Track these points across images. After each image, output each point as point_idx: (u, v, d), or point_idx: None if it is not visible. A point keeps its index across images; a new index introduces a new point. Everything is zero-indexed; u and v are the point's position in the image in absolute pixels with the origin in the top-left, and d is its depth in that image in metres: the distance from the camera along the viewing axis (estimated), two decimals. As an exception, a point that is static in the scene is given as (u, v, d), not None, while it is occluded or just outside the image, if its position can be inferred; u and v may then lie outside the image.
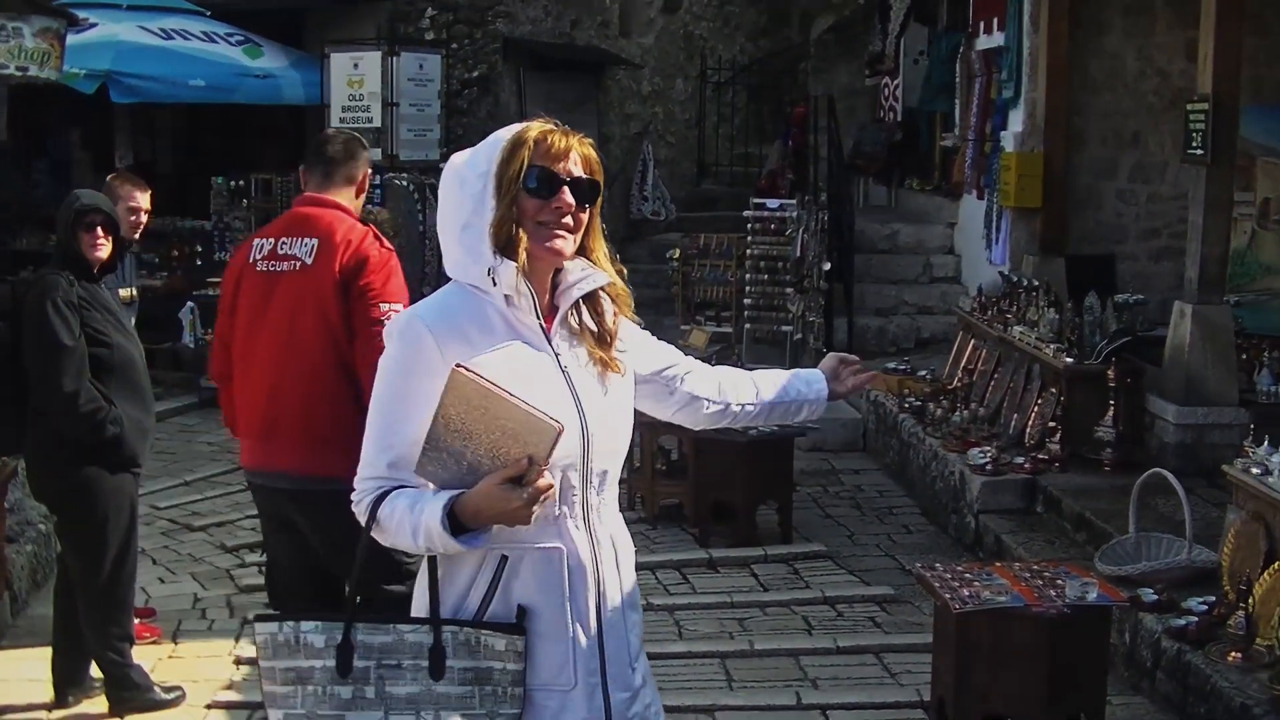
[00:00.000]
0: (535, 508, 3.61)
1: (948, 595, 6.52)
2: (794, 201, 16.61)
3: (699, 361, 4.51)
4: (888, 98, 20.27)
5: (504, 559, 3.78)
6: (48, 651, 8.20)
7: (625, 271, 4.09)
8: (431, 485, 3.71)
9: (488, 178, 3.83)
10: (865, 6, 21.40)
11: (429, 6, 18.58)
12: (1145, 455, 10.61)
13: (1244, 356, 11.31)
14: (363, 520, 3.81)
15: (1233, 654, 7.31)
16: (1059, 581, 6.59)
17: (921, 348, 15.78)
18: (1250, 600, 7.49)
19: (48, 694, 8.00)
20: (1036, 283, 12.78)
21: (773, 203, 16.85)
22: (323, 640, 3.78)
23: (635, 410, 4.14)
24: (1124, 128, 14.38)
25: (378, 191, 16.06)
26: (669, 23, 23.48)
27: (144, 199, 9.38)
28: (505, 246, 3.78)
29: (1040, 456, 10.96)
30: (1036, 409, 11.50)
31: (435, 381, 3.63)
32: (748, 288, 16.46)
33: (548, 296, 3.90)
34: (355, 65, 16.50)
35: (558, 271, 3.91)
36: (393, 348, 3.82)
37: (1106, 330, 11.47)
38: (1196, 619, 7.76)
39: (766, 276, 16.38)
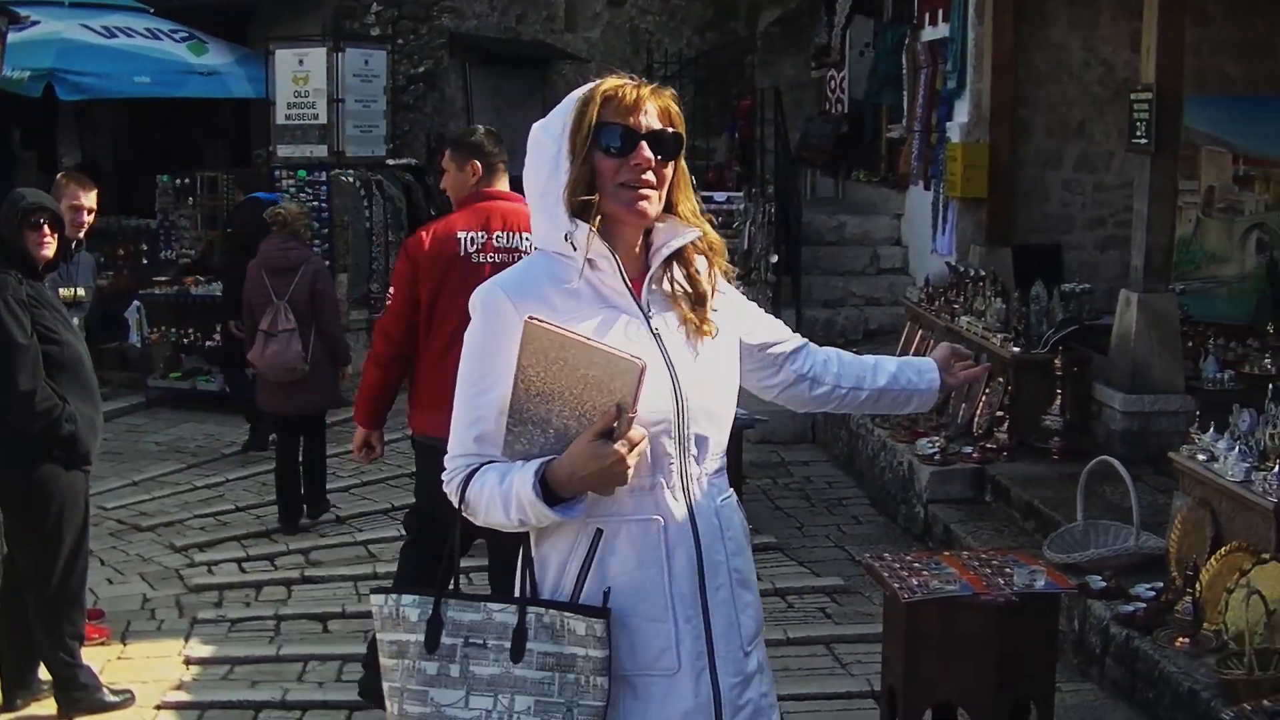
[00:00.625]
0: (630, 461, 3.45)
1: (897, 585, 6.53)
2: (741, 194, 16.62)
3: (807, 340, 4.31)
4: (834, 90, 20.31)
5: (599, 533, 3.62)
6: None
7: (714, 220, 3.93)
8: None
9: (561, 140, 3.65)
10: (811, -1, 21.45)
11: (374, 2, 18.55)
12: (1093, 443, 10.66)
13: (1190, 344, 11.37)
14: (455, 501, 3.70)
15: (1180, 639, 7.35)
16: (1007, 570, 6.60)
17: (869, 339, 15.79)
18: (1197, 586, 7.53)
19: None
20: (983, 273, 12.82)
21: (720, 195, 16.84)
22: (416, 614, 3.68)
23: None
24: (1069, 118, 14.43)
25: (323, 189, 16.04)
26: (615, 16, 23.47)
27: (90, 198, 9.34)
28: (582, 210, 3.61)
29: (988, 445, 10.99)
30: (984, 398, 11.53)
31: (516, 349, 3.52)
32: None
33: (640, 258, 3.76)
34: (300, 61, 16.41)
35: (649, 231, 3.75)
36: (476, 319, 3.69)
37: (1053, 319, 11.52)
38: (1144, 605, 7.80)
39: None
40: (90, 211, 9.43)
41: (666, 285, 3.76)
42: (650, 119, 3.63)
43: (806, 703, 7.83)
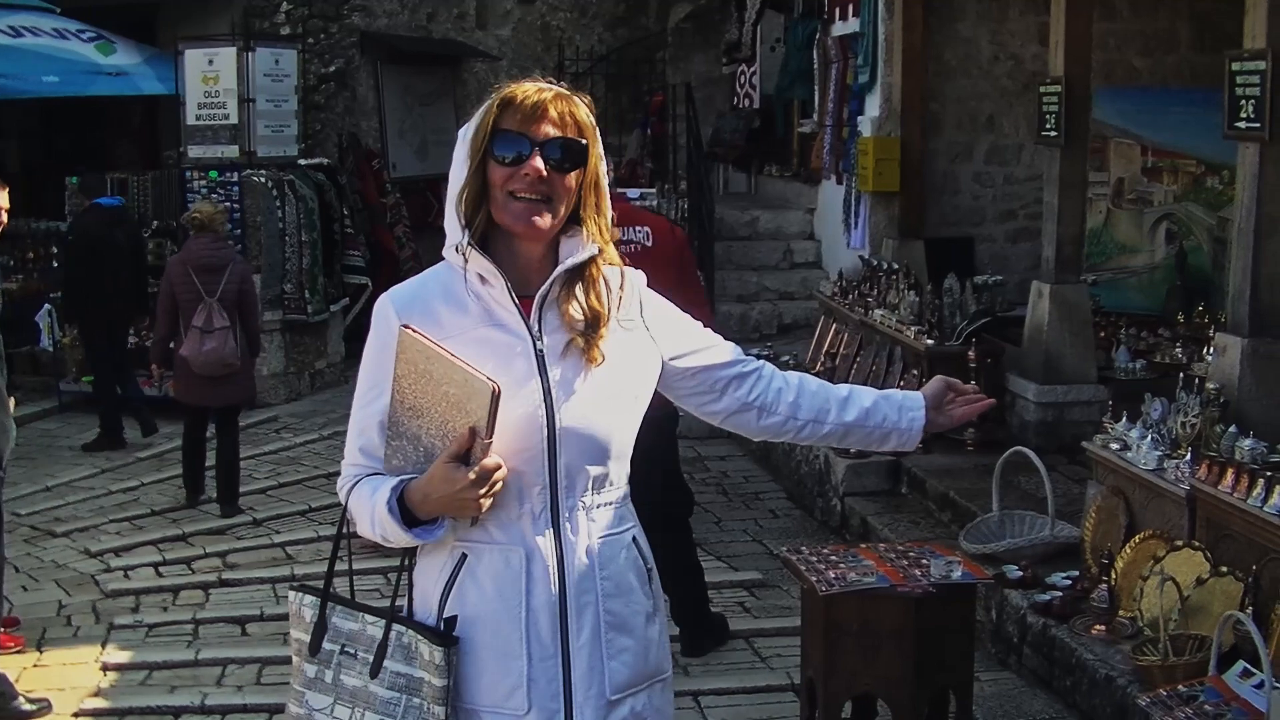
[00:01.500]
0: (484, 491, 3.32)
1: (814, 578, 6.55)
2: (654, 190, 16.65)
3: (767, 364, 4.00)
4: (743, 85, 20.34)
5: (464, 556, 3.50)
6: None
7: (620, 235, 3.78)
8: None
9: (468, 141, 3.50)
10: (721, -6, 21.48)
11: (284, 1, 18.45)
12: (1007, 434, 10.73)
13: (1102, 334, 11.47)
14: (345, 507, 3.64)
15: (1096, 627, 7.42)
16: (924, 561, 6.63)
17: (784, 333, 15.85)
18: (1112, 574, 7.60)
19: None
20: (896, 266, 12.89)
21: (633, 192, 16.82)
22: (310, 615, 3.64)
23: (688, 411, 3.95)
24: (979, 111, 14.54)
25: (235, 189, 15.94)
26: (526, 14, 23.43)
27: (4, 198, 9.23)
28: (472, 218, 3.49)
29: (904, 438, 11.02)
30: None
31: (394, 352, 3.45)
32: (610, 277, 16.48)
33: (544, 272, 3.56)
34: (210, 61, 16.30)
35: (559, 245, 3.57)
36: (371, 330, 3.59)
37: (966, 311, 11.59)
38: (1060, 594, 7.87)
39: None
40: (5, 210, 9.32)
41: (565, 306, 3.56)
42: (550, 127, 3.46)
43: (726, 697, 7.87)
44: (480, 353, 3.43)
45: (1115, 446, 8.11)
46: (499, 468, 3.35)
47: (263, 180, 16.04)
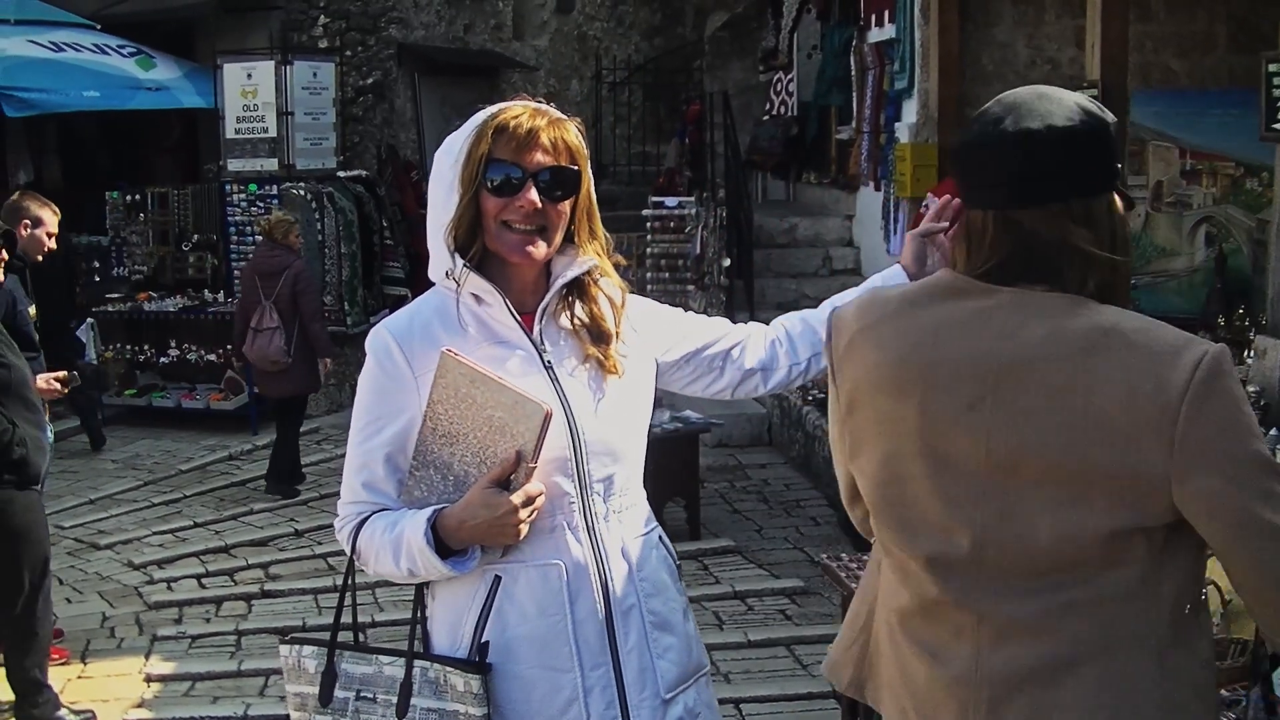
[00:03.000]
0: (523, 515, 3.31)
1: (854, 585, 6.55)
2: (692, 199, 16.66)
3: (746, 327, 3.99)
4: (779, 92, 20.34)
5: (497, 579, 3.44)
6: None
7: (623, 263, 3.75)
8: None
9: (455, 169, 3.47)
10: (758, 3, 21.47)
11: (321, 14, 18.49)
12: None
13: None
14: (347, 550, 3.57)
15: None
16: (965, 567, 6.62)
17: (824, 340, 15.82)
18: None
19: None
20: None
21: (671, 201, 16.88)
22: (314, 665, 3.60)
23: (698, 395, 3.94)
24: (1016, 116, 14.50)
25: (274, 202, 16.01)
26: (562, 24, 23.49)
27: (54, 220, 9.47)
28: (466, 245, 3.47)
29: (944, 444, 11.02)
30: (938, 397, 11.55)
31: (404, 394, 3.44)
32: (649, 286, 16.47)
33: (539, 289, 3.56)
34: (249, 75, 16.39)
35: (552, 262, 3.56)
36: (366, 363, 3.54)
37: (1005, 316, 11.55)
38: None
39: (667, 274, 16.42)
40: (52, 235, 9.53)
41: (566, 320, 3.58)
42: (543, 155, 3.44)
43: (768, 705, 7.87)
44: (492, 369, 3.42)
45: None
46: (540, 491, 3.35)
47: (301, 193, 16.11)
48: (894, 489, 2.89)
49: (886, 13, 15.15)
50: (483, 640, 3.45)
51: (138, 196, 16.97)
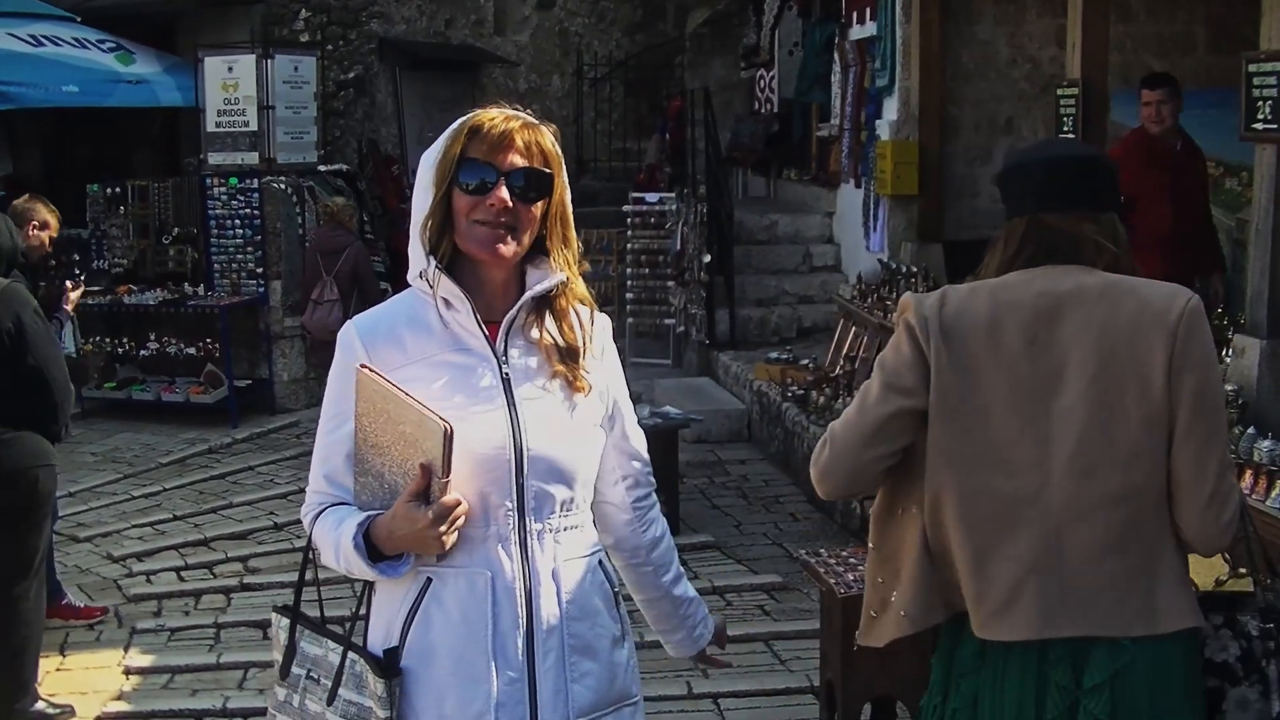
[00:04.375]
0: (444, 529, 3.34)
1: (833, 581, 6.58)
2: (673, 195, 16.69)
3: (651, 490, 3.96)
4: (763, 89, 20.36)
5: (429, 582, 3.48)
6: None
7: (587, 267, 3.72)
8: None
9: (432, 170, 3.52)
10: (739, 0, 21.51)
11: (302, 8, 18.49)
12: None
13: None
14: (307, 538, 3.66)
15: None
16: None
17: (803, 337, 15.85)
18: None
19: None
20: (915, 269, 12.90)
21: (652, 196, 16.92)
22: (283, 637, 3.69)
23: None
24: (997, 114, 14.54)
25: (255, 196, 16.00)
26: (544, 19, 23.47)
27: (56, 225, 9.89)
28: (437, 246, 3.51)
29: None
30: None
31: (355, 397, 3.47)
32: (629, 282, 16.55)
33: (510, 298, 3.58)
34: (229, 69, 16.36)
35: (525, 273, 3.60)
36: (335, 357, 3.62)
37: (985, 314, 11.57)
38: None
39: (648, 270, 16.48)
40: (51, 236, 9.95)
41: (535, 332, 3.60)
42: (517, 156, 3.48)
43: (746, 699, 7.89)
44: (446, 376, 3.49)
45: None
46: (458, 504, 3.36)
47: (282, 187, 16.11)
48: (977, 413, 3.81)
49: (868, 10, 15.18)
50: (405, 642, 3.49)
51: (118, 189, 16.91)
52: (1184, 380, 3.68)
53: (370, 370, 3.41)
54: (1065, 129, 10.78)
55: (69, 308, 10.21)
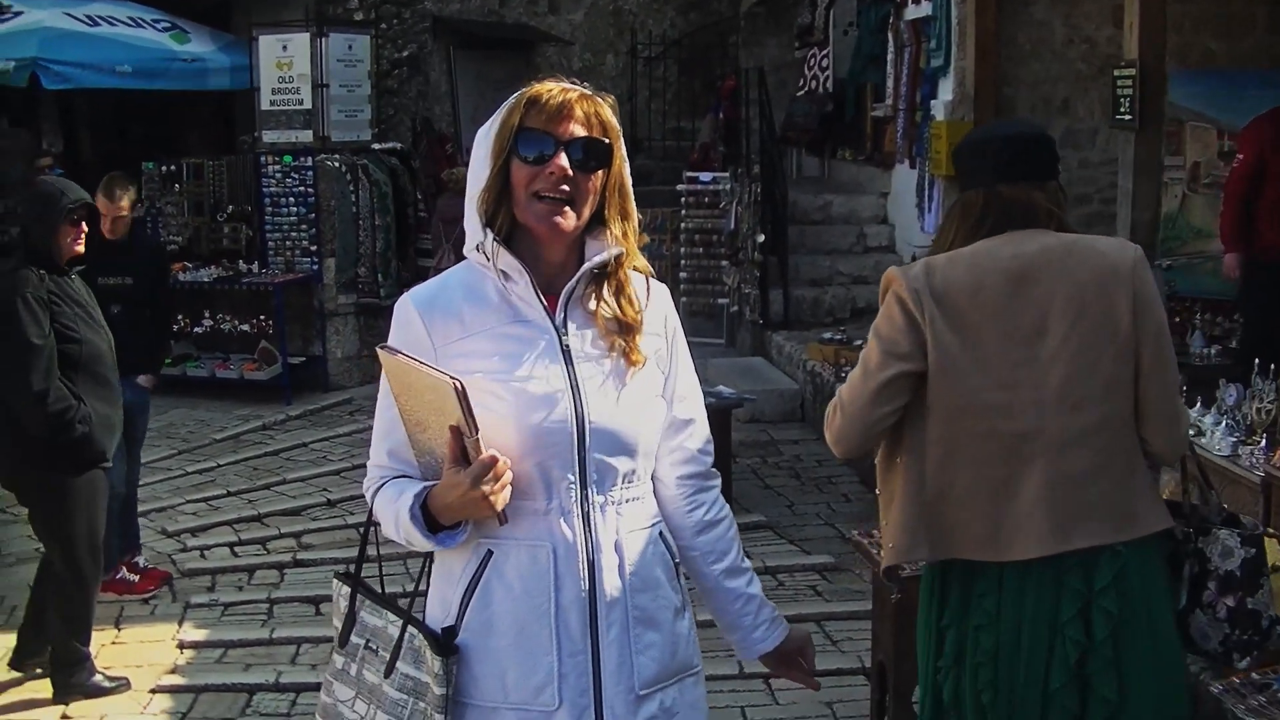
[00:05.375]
0: (488, 489, 3.26)
1: (887, 561, 6.57)
2: (727, 175, 16.66)
3: (711, 468, 3.90)
4: (812, 68, 20.28)
5: (489, 554, 3.46)
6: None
7: (646, 239, 3.67)
8: None
9: (489, 140, 3.49)
10: (794, -22, 21.43)
11: (356, -14, 18.52)
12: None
13: (1176, 319, 11.39)
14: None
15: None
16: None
17: (857, 317, 15.80)
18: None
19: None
20: (969, 250, 12.82)
21: (706, 176, 16.90)
22: (344, 605, 3.68)
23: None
24: (1053, 95, 14.44)
25: (309, 173, 16.06)
26: (598, -2, 23.47)
27: (125, 201, 9.75)
28: (494, 217, 3.48)
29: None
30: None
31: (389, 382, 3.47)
32: (683, 261, 16.54)
33: (569, 269, 3.54)
34: (284, 47, 16.41)
35: (585, 245, 3.56)
36: (392, 333, 3.56)
37: (1039, 295, 11.51)
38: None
39: (701, 250, 16.47)
40: (125, 211, 9.86)
41: (593, 304, 3.56)
42: (576, 126, 3.45)
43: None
44: (506, 348, 3.46)
45: (1190, 432, 8.06)
46: (495, 461, 3.30)
47: (336, 165, 16.15)
48: (975, 366, 4.35)
49: (924, -11, 15.11)
50: (463, 617, 3.47)
51: (173, 167, 17.00)
52: (1146, 321, 4.34)
53: (387, 349, 3.40)
54: (1122, 110, 10.72)
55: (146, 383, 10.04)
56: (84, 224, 7.77)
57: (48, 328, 7.41)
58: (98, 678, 7.92)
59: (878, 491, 4.78)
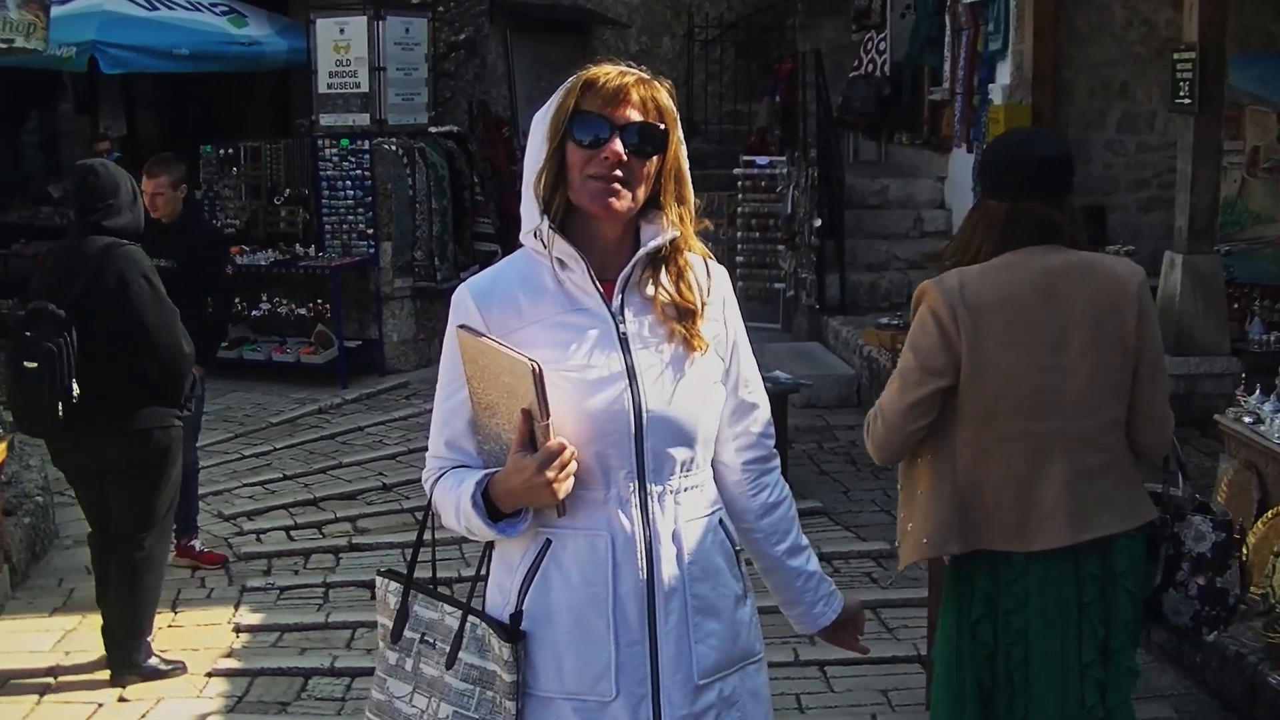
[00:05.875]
0: (553, 475, 3.27)
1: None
2: (783, 158, 16.61)
3: (771, 449, 3.89)
4: (869, 51, 20.19)
5: (548, 543, 3.46)
6: (47, 621, 8.40)
7: (710, 226, 3.69)
8: None
9: (545, 123, 3.47)
10: (852, -39, 21.34)
11: (414, -31, 18.54)
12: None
13: (1235, 305, 11.33)
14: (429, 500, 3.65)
15: (1227, 602, 7.36)
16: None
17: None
18: (1243, 549, 7.49)
19: (48, 663, 8.14)
20: (1027, 235, 12.76)
21: (762, 160, 16.85)
22: (394, 601, 3.68)
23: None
24: (1111, 78, 14.35)
25: (366, 157, 16.09)
26: (655, -19, 23.43)
27: (149, 185, 9.81)
28: (550, 201, 3.45)
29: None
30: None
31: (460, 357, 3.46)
32: (739, 245, 16.50)
33: (625, 256, 3.52)
34: (341, 30, 16.43)
35: (640, 230, 3.54)
36: (450, 322, 3.55)
37: (1097, 281, 11.46)
38: (1191, 568, 7.79)
39: (758, 234, 16.42)
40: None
41: (650, 289, 3.55)
42: (632, 110, 3.43)
43: (852, 667, 7.86)
44: (562, 338, 3.45)
45: (1248, 420, 8.01)
46: (563, 449, 3.31)
47: (393, 148, 16.16)
48: (1015, 374, 4.76)
49: (982, -27, 15.02)
50: (522, 605, 3.47)
51: (230, 151, 17.04)
52: (1146, 336, 4.84)
53: (466, 329, 3.41)
54: (1181, 94, 10.65)
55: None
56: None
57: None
58: (154, 660, 7.96)
59: (899, 485, 5.17)
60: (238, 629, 8.79)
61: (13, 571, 9.28)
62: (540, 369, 3.24)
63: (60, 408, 7.37)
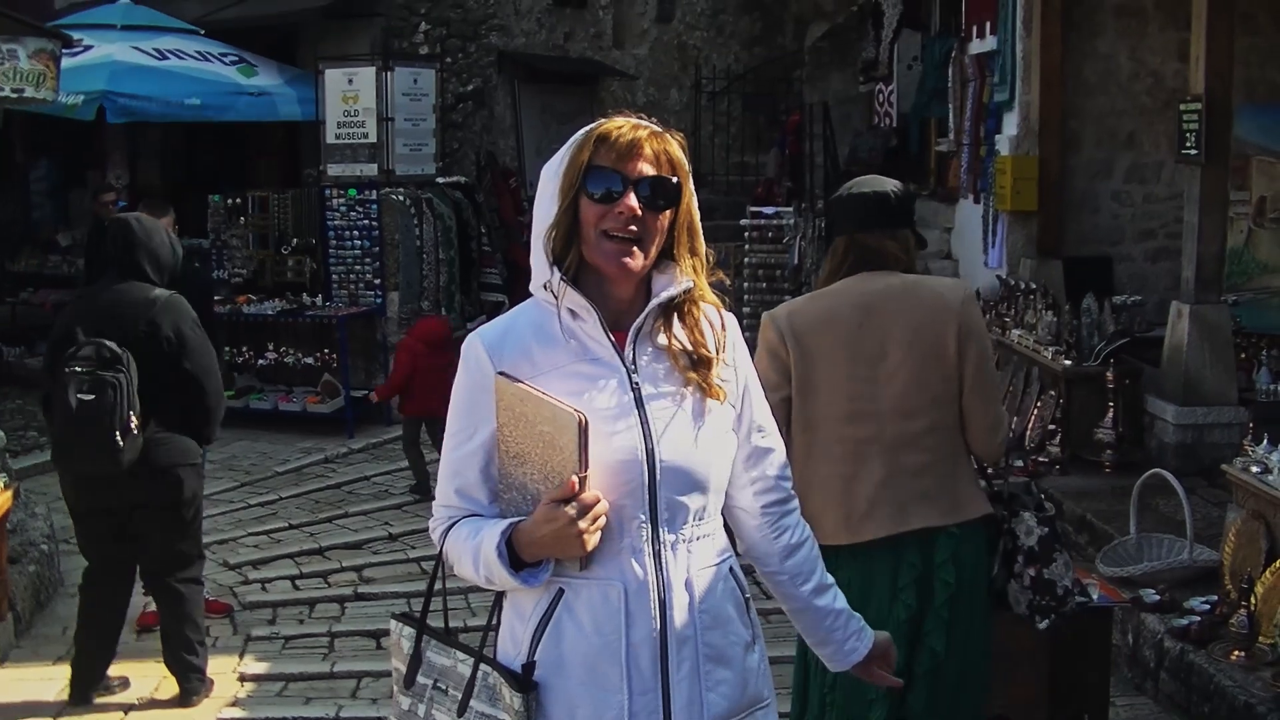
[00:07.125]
0: (585, 526, 3.30)
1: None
2: (791, 209, 16.63)
3: (777, 493, 3.83)
4: (882, 104, 20.27)
5: (560, 592, 3.45)
6: (51, 670, 8.37)
7: (726, 280, 3.73)
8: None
9: (558, 178, 3.48)
10: (858, 13, 21.38)
11: (422, 21, 18.60)
12: (1145, 456, 10.62)
13: (1243, 355, 11.31)
14: (438, 550, 3.65)
15: (1235, 653, 7.33)
16: (1061, 583, 6.61)
17: (920, 353, 15.73)
18: (1252, 599, 7.49)
19: (51, 712, 8.14)
20: (1034, 285, 12.78)
21: (769, 210, 16.87)
22: (408, 647, 3.70)
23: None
24: (1118, 129, 14.36)
25: (373, 207, 16.11)
26: (662, 33, 23.49)
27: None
28: (563, 256, 3.47)
29: (1040, 459, 10.97)
30: (1036, 412, 11.50)
31: (492, 403, 3.45)
32: (746, 296, 16.49)
33: (637, 305, 3.53)
34: (350, 81, 16.50)
35: (652, 280, 3.55)
36: (459, 371, 3.57)
37: (1104, 332, 11.48)
38: (1199, 618, 7.77)
39: (765, 284, 16.41)
40: None
41: (663, 339, 3.56)
42: (645, 165, 3.44)
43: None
44: (575, 388, 3.44)
45: (1256, 469, 7.98)
46: (598, 501, 3.34)
47: (401, 198, 16.21)
48: (828, 385, 5.38)
49: (988, 24, 15.05)
50: (535, 655, 3.47)
51: (238, 200, 17.08)
52: (968, 347, 5.32)
53: (506, 375, 3.41)
54: (1188, 144, 10.65)
55: None
56: None
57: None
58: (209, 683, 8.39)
59: None
60: (242, 678, 8.76)
61: (17, 620, 9.25)
62: (586, 421, 3.27)
63: (120, 439, 7.47)
